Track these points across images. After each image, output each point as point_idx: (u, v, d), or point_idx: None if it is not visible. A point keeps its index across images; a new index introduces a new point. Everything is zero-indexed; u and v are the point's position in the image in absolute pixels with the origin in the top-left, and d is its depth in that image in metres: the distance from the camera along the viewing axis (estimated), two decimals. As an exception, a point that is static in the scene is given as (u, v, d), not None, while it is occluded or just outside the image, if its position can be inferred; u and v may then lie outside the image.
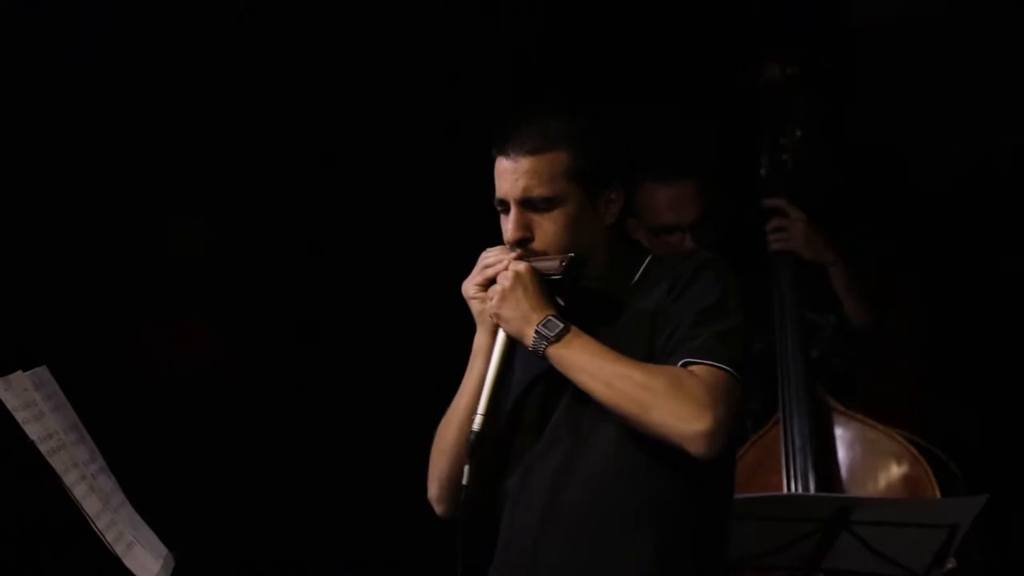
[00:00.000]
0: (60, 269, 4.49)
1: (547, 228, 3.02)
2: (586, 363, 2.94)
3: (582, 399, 3.00)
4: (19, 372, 3.04)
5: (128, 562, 3.02)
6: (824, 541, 3.60)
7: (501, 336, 3.02)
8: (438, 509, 3.13)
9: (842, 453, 4.16)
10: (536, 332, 2.96)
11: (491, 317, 3.03)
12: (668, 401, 2.89)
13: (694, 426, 2.88)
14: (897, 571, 3.59)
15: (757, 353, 4.23)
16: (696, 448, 2.88)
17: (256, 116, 4.61)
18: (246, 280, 4.63)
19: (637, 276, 3.09)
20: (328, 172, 4.68)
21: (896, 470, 4.10)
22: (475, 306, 3.06)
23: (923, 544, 3.57)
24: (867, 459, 4.14)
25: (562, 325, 2.96)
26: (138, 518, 3.23)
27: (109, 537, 3.01)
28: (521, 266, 2.99)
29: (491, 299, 3.01)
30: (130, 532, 3.13)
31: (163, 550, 3.23)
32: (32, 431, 2.96)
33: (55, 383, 3.17)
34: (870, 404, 4.25)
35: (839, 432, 4.17)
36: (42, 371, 3.14)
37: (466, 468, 2.98)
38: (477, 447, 2.98)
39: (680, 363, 2.94)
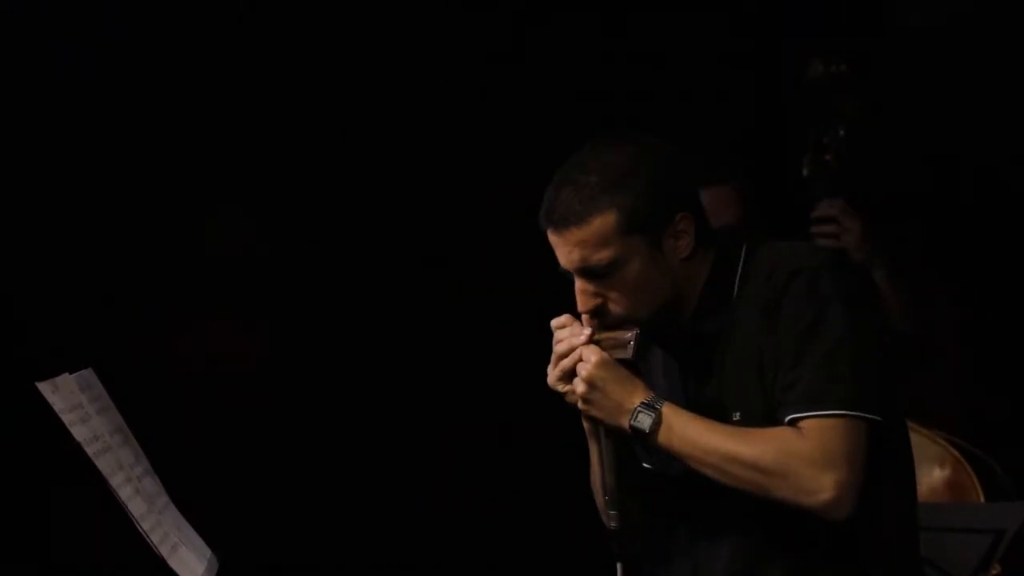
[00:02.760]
0: (104, 271, 4.51)
1: (616, 294, 2.77)
2: (689, 450, 2.73)
3: None
4: (66, 374, 3.04)
5: (173, 564, 3.03)
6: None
7: (602, 430, 2.83)
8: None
9: None
10: (631, 428, 2.76)
11: (584, 419, 2.84)
12: (783, 480, 2.67)
13: (817, 498, 2.66)
14: (941, 577, 3.58)
15: None
16: (829, 518, 2.68)
17: (300, 119, 4.63)
18: (293, 282, 4.64)
19: (736, 287, 2.82)
20: (373, 173, 4.69)
21: (939, 474, 4.04)
22: (567, 397, 2.83)
23: (968, 550, 3.55)
24: None
25: (652, 415, 2.74)
26: (183, 520, 3.24)
27: (154, 539, 3.01)
28: (593, 360, 2.76)
29: (576, 397, 2.79)
30: (175, 534, 3.14)
31: (207, 552, 3.24)
32: (79, 433, 2.97)
33: (100, 385, 3.18)
34: (912, 406, 4.20)
35: None
36: (88, 373, 3.15)
37: (619, 566, 2.82)
38: (622, 541, 2.83)
39: (787, 419, 2.70)
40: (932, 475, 4.06)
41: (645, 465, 2.93)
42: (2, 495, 4.29)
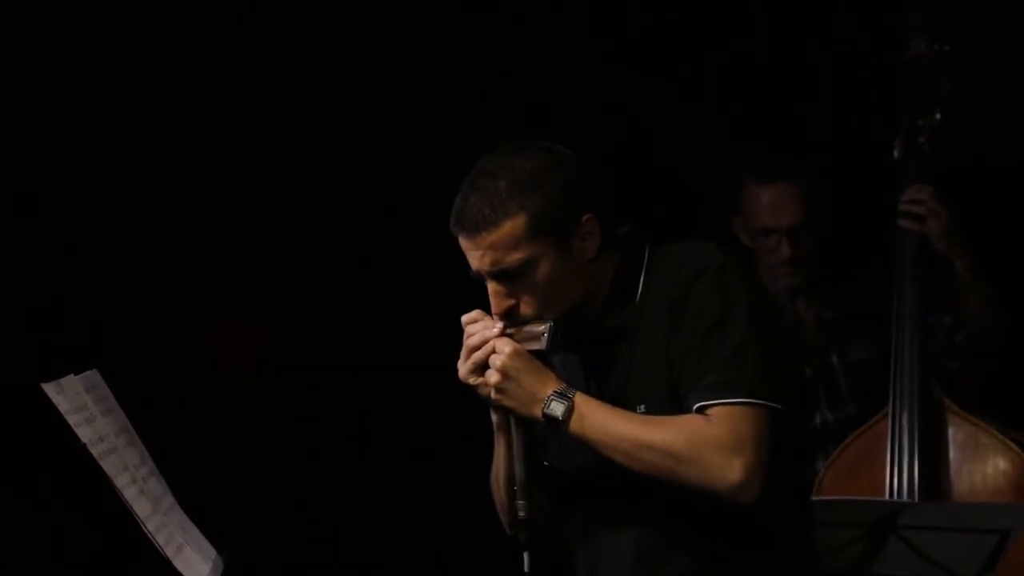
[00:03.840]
0: (108, 272, 4.51)
1: (527, 295, 2.86)
2: (600, 437, 2.81)
3: None
4: (71, 375, 3.05)
5: (178, 564, 3.03)
6: (872, 546, 3.59)
7: (513, 421, 2.89)
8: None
9: (952, 455, 4.03)
10: (544, 416, 2.83)
11: (495, 410, 2.91)
12: (692, 465, 2.76)
13: (725, 481, 2.76)
14: (947, 576, 3.58)
15: (860, 362, 4.17)
16: (735, 500, 2.77)
17: (301, 121, 4.64)
18: (298, 285, 4.65)
19: (640, 291, 2.91)
20: (376, 176, 4.70)
21: (1005, 478, 3.98)
22: (479, 390, 2.89)
23: (973, 549, 3.55)
24: (976, 463, 4.02)
25: (565, 403, 2.82)
26: (188, 521, 3.25)
27: (159, 540, 3.02)
28: (506, 351, 2.84)
29: (489, 388, 2.85)
30: (180, 535, 3.14)
31: (212, 552, 3.25)
32: (84, 434, 2.98)
33: (105, 386, 3.19)
34: (987, 404, 4.12)
35: (951, 433, 4.04)
36: (93, 374, 3.16)
37: (525, 555, 2.89)
38: (529, 531, 2.90)
39: (696, 408, 2.80)
40: (998, 478, 4.00)
41: (544, 463, 3.00)
42: (7, 494, 4.29)
